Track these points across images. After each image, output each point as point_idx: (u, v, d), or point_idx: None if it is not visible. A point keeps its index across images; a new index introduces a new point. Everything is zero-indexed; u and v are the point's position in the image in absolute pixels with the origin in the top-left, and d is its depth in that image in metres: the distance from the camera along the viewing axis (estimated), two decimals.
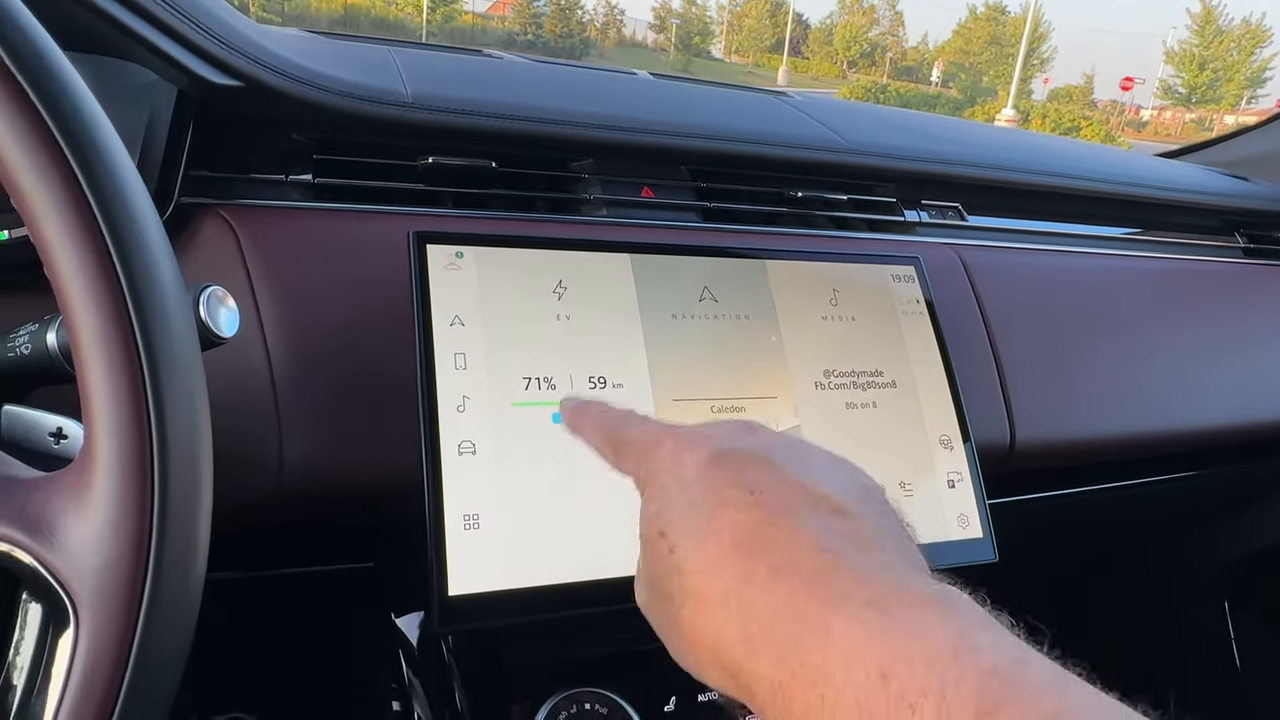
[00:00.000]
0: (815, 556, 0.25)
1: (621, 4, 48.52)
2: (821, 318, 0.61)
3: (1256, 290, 0.95)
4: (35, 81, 0.28)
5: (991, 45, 45.47)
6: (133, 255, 0.28)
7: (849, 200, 0.77)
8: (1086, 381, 0.77)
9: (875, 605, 0.23)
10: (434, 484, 0.47)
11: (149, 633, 0.27)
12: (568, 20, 37.27)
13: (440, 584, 0.46)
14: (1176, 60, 37.68)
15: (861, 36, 50.86)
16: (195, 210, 0.55)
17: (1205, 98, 36.87)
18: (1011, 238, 0.84)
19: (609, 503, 0.50)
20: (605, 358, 0.54)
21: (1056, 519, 0.91)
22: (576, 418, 0.37)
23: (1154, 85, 41.66)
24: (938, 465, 0.61)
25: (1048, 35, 42.62)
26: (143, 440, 0.28)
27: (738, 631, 0.25)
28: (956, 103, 33.93)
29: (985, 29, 46.10)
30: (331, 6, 28.77)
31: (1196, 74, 36.39)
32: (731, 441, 0.30)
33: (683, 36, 44.91)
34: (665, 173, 0.71)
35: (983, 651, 0.21)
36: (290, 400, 0.51)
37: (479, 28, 36.05)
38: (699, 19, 48.45)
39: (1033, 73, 42.75)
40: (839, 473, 0.29)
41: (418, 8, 30.01)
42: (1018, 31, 39.36)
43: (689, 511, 0.28)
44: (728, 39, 52.81)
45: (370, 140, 0.62)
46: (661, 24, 47.64)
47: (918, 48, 55.83)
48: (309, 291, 0.54)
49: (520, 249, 0.54)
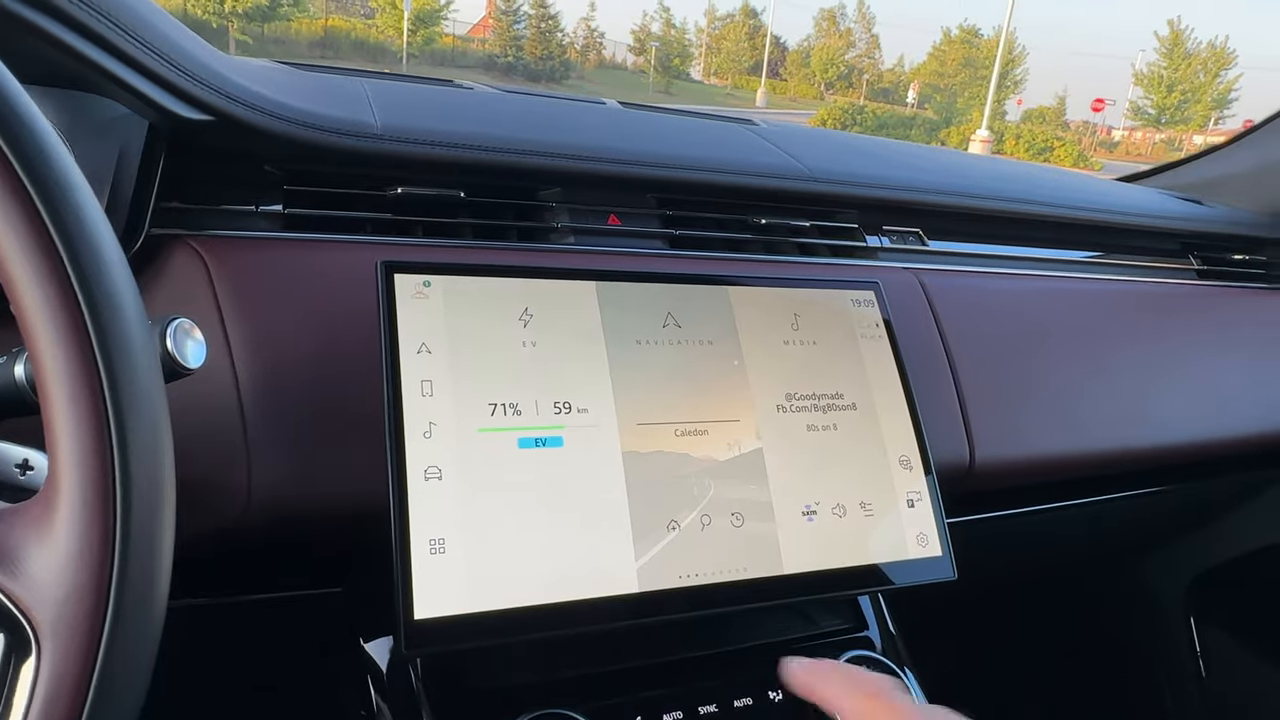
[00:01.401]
0: None
1: (601, 27, 49.03)
2: (783, 342, 0.63)
3: (1210, 311, 0.98)
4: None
5: (966, 67, 46.20)
6: (96, 290, 0.29)
7: (812, 226, 0.79)
8: (1044, 401, 0.79)
9: None
10: (400, 509, 0.48)
11: (110, 662, 0.28)
12: (548, 43, 37.52)
13: (406, 608, 0.46)
14: (1145, 82, 38.44)
15: (838, 59, 51.55)
16: (165, 241, 0.56)
17: (1174, 118, 37.61)
18: (971, 261, 0.86)
19: (573, 526, 0.51)
20: (570, 383, 0.55)
21: (1018, 537, 0.92)
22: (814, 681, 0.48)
23: (1124, 106, 42.48)
24: (897, 485, 0.63)
25: (1022, 58, 43.38)
26: (105, 472, 0.28)
27: None
28: (933, 123, 34.40)
29: (959, 51, 46.86)
30: (311, 29, 28.82)
31: (1165, 95, 37.14)
32: None
33: (662, 59, 45.31)
34: (632, 201, 0.72)
35: None
36: (259, 428, 0.52)
37: (459, 50, 36.20)
38: (678, 41, 48.91)
39: (1007, 94, 43.43)
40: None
41: (398, 30, 30.10)
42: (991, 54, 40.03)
43: None
44: (706, 61, 53.36)
45: (340, 171, 0.63)
46: (641, 46, 48.06)
47: (894, 70, 56.64)
48: (278, 321, 0.54)
49: (487, 277, 0.55)
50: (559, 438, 0.53)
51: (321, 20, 30.60)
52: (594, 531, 0.52)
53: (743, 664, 0.58)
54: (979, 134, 21.23)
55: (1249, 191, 1.13)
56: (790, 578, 0.56)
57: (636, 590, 0.52)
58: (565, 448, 0.53)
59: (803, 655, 0.59)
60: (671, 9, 47.26)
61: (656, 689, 0.55)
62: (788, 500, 0.58)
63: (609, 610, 0.51)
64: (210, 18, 24.42)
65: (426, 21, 31.18)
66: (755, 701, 0.56)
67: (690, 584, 0.53)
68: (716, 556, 0.55)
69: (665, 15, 47.35)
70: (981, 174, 0.98)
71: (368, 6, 37.85)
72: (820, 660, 0.49)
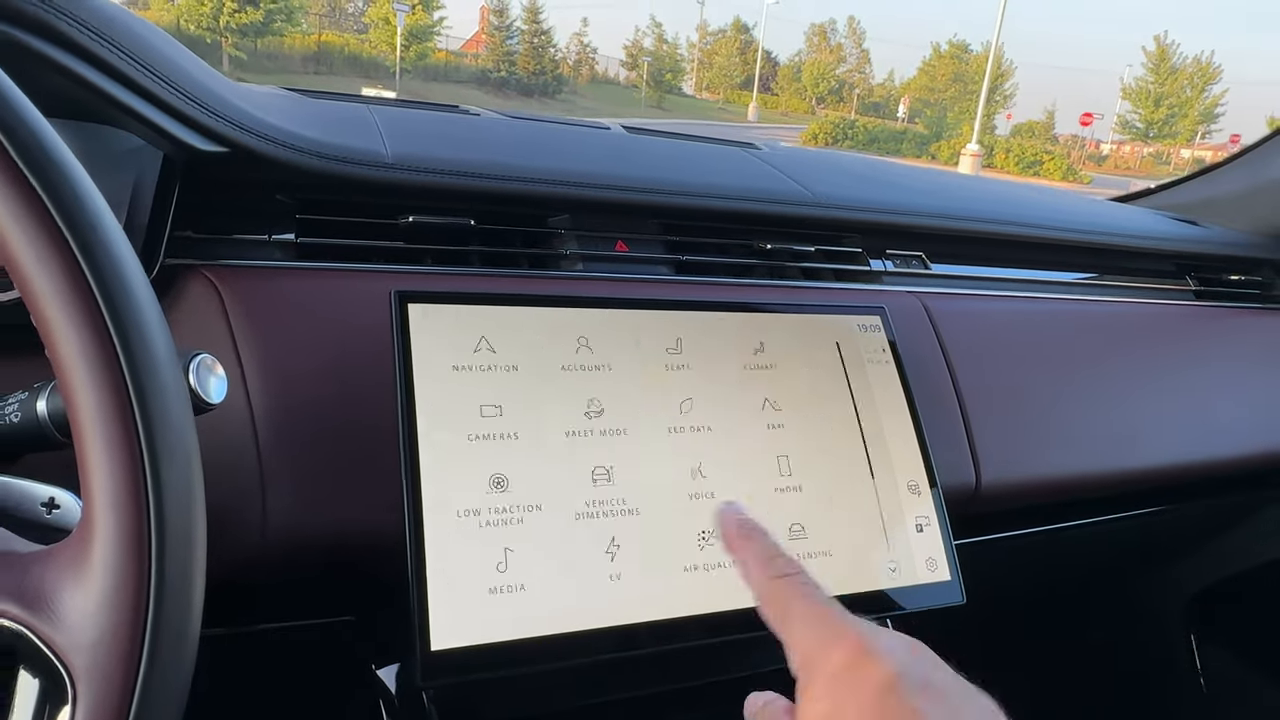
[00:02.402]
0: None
1: (594, 42, 49.24)
2: (790, 367, 0.63)
3: (1208, 331, 0.99)
4: (29, 157, 0.29)
5: (955, 82, 46.62)
6: (130, 332, 0.30)
7: (817, 251, 0.79)
8: (1048, 423, 0.80)
9: None
10: (416, 540, 0.48)
11: (145, 706, 0.28)
12: (541, 58, 37.69)
13: (423, 638, 0.47)
14: (1133, 96, 38.84)
15: (829, 74, 51.95)
16: (179, 271, 0.56)
17: (1162, 132, 37.99)
18: (973, 284, 0.87)
19: (590, 555, 0.51)
20: (584, 413, 0.55)
21: (1023, 558, 0.93)
22: (737, 540, 0.39)
23: (1112, 120, 42.89)
24: (905, 510, 0.63)
25: (1011, 73, 43.79)
26: (140, 515, 0.29)
27: None
28: (923, 138, 34.64)
29: (949, 66, 47.29)
30: (305, 44, 28.91)
31: (1153, 110, 37.52)
32: (911, 668, 0.32)
33: (654, 74, 45.57)
34: (639, 227, 0.73)
35: None
36: (274, 460, 0.52)
37: (452, 65, 36.33)
38: (670, 56, 49.23)
39: (996, 109, 43.82)
40: None
41: (391, 45, 30.20)
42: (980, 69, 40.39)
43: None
44: (698, 76, 53.68)
45: (352, 200, 0.64)
46: (633, 61, 48.33)
47: (884, 84, 57.09)
48: (292, 351, 0.55)
49: (500, 306, 0.56)
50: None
51: (315, 35, 30.72)
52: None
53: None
54: (969, 148, 21.37)
55: (1244, 212, 1.15)
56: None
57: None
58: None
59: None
60: (664, 24, 47.69)
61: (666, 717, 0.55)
62: (796, 526, 0.58)
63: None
64: (204, 33, 24.47)
65: (419, 37, 31.29)
66: None
67: (704, 612, 0.54)
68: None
69: (657, 30, 47.70)
70: (982, 197, 0.99)
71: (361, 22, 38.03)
72: None
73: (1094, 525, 0.92)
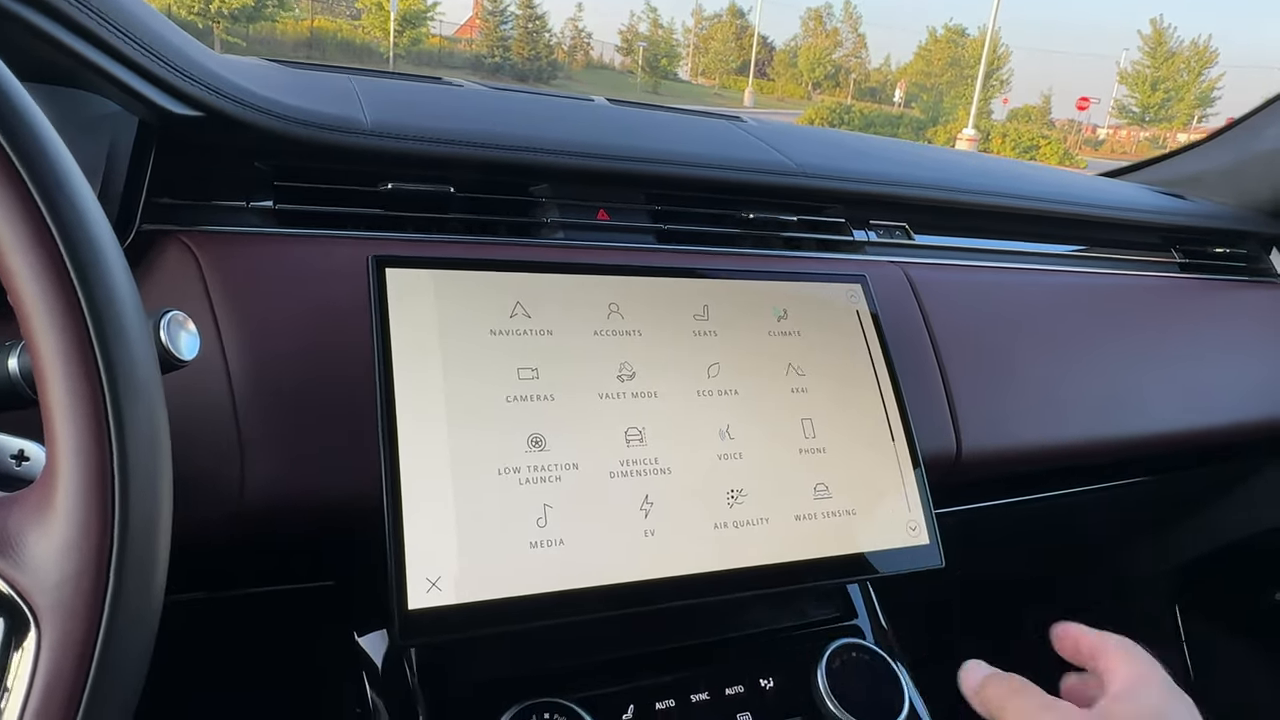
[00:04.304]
0: None
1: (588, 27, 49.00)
2: (769, 334, 0.63)
3: (1193, 303, 0.99)
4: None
5: (952, 67, 46.44)
6: (93, 280, 0.30)
7: (799, 221, 0.79)
8: (1030, 392, 0.80)
9: None
10: (393, 501, 0.48)
11: (109, 646, 0.29)
12: (535, 43, 37.47)
13: (400, 598, 0.47)
14: (1130, 80, 38.73)
15: (825, 59, 51.70)
16: (157, 237, 0.56)
17: (1158, 117, 37.90)
18: (957, 255, 0.87)
19: (569, 516, 0.52)
20: (564, 375, 0.55)
21: (1006, 527, 0.94)
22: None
23: (1109, 105, 42.80)
24: (886, 475, 0.63)
25: (1007, 57, 43.64)
26: (103, 459, 0.29)
27: None
28: (919, 123, 34.55)
29: (945, 51, 47.10)
30: (297, 30, 28.69)
31: (1149, 94, 37.42)
32: None
33: (650, 59, 45.34)
34: (621, 196, 0.73)
35: None
36: (252, 422, 0.52)
37: (446, 50, 36.10)
38: (666, 42, 48.96)
39: (993, 93, 43.67)
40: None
41: (384, 31, 30.01)
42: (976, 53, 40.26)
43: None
44: (694, 61, 53.43)
45: (331, 167, 0.63)
46: (629, 47, 48.07)
47: (880, 69, 56.86)
48: (270, 315, 0.55)
49: (479, 271, 0.56)
50: (552, 428, 0.54)
51: (307, 21, 30.46)
52: (589, 521, 0.52)
53: (734, 653, 0.59)
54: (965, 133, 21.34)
55: (1230, 186, 1.15)
56: (779, 566, 0.57)
57: (629, 579, 0.52)
58: (560, 439, 0.53)
59: (792, 645, 0.60)
60: (659, 9, 47.32)
61: (649, 678, 0.55)
62: (777, 490, 0.59)
63: (602, 599, 0.51)
64: (195, 18, 24.26)
65: (413, 22, 31.08)
66: (746, 689, 0.57)
67: (682, 573, 0.54)
68: (707, 545, 0.55)
69: (653, 15, 47.39)
70: (967, 169, 0.99)
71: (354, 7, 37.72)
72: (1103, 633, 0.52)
73: (1077, 495, 0.92)
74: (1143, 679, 0.46)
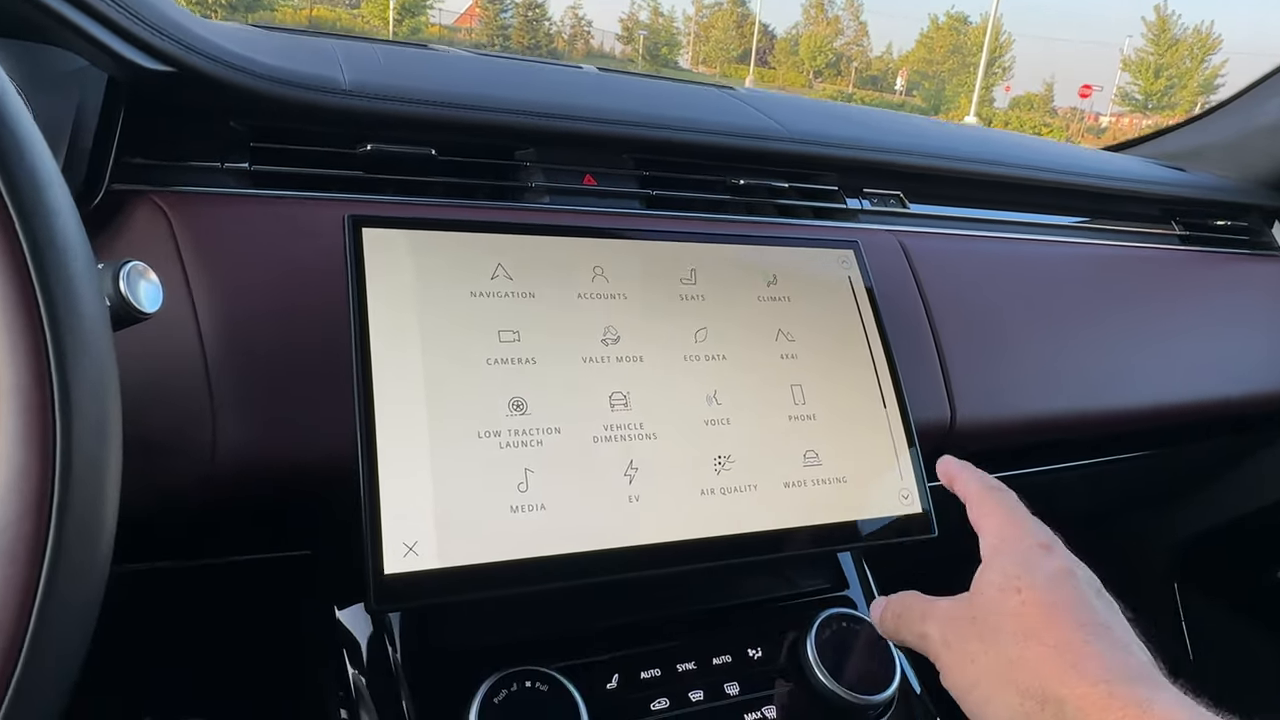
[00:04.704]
0: (1119, 636, 0.39)
1: (589, 15, 48.75)
2: (758, 299, 0.62)
3: (1193, 276, 0.98)
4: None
5: (954, 54, 46.21)
6: (31, 211, 0.28)
7: (791, 188, 0.78)
8: (1025, 363, 0.79)
9: None
10: (369, 464, 0.47)
11: (51, 595, 0.27)
12: (535, 32, 37.32)
13: (375, 563, 0.46)
14: (1133, 68, 38.56)
15: (826, 46, 51.44)
16: (127, 197, 0.54)
17: (1161, 104, 37.73)
18: (952, 225, 0.86)
19: (550, 481, 0.50)
20: (544, 337, 0.54)
21: None
22: (957, 470, 0.52)
23: (1112, 92, 42.60)
24: (879, 443, 0.62)
25: (1009, 45, 43.43)
26: (44, 398, 0.27)
27: (1058, 660, 0.37)
28: (921, 111, 34.41)
29: (947, 38, 46.87)
30: (296, 19, 28.59)
31: (1152, 81, 37.26)
32: (1078, 566, 0.43)
33: (650, 47, 45.16)
34: (608, 161, 0.71)
35: None
36: (224, 385, 0.51)
37: (445, 39, 35.98)
38: (666, 30, 48.75)
39: (995, 81, 43.48)
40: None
41: (383, 20, 29.90)
42: (978, 41, 40.06)
43: (1046, 588, 0.41)
44: (695, 50, 53.18)
45: (308, 128, 0.62)
46: (629, 35, 47.87)
47: (882, 57, 56.58)
48: (243, 276, 0.53)
49: (457, 232, 0.54)
50: (534, 391, 0.52)
51: (306, 10, 30.37)
52: (571, 486, 0.51)
53: (721, 623, 0.58)
54: (967, 121, 21.27)
55: (1231, 159, 1.13)
56: (770, 534, 0.56)
57: (613, 545, 0.51)
58: (542, 402, 0.52)
59: (781, 615, 0.59)
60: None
61: (634, 647, 0.54)
62: (768, 457, 0.58)
63: (585, 566, 0.50)
64: (193, 7, 24.19)
65: (412, 11, 30.98)
66: (734, 659, 0.56)
67: (667, 540, 0.53)
68: (694, 512, 0.54)
69: (653, 4, 47.20)
70: (963, 139, 0.97)
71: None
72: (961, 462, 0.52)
73: (1076, 470, 0.91)
74: (1006, 541, 0.44)
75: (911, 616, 0.47)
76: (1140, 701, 0.34)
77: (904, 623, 0.47)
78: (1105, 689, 0.36)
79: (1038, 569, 0.42)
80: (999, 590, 0.42)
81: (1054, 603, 0.40)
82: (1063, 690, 0.37)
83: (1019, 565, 0.42)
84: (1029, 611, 0.40)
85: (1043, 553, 0.43)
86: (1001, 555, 0.44)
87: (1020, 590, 0.41)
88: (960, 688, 0.42)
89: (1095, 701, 0.35)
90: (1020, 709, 0.38)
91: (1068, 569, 0.42)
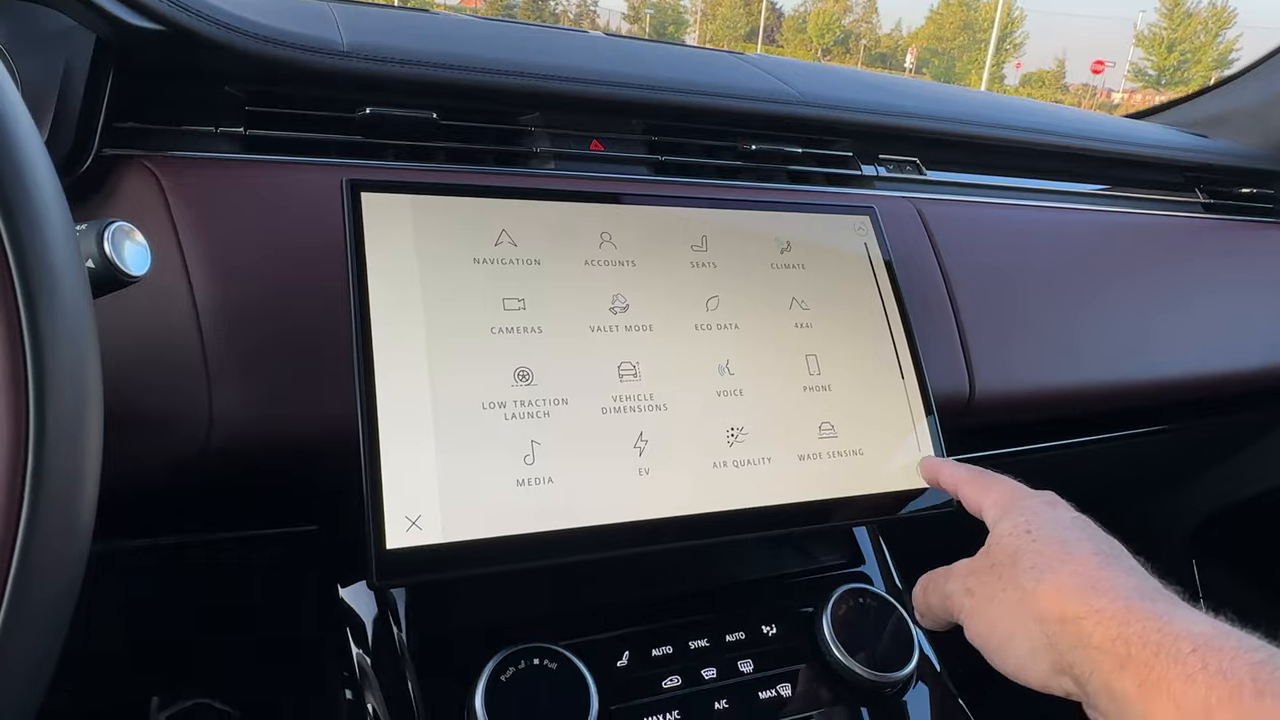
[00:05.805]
0: (1133, 565, 0.41)
1: None
2: (771, 266, 0.60)
3: (1216, 244, 0.95)
4: None
5: (964, 31, 45.64)
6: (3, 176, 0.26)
7: (805, 154, 0.75)
8: (1046, 333, 0.76)
9: None
10: (370, 435, 0.45)
11: (26, 569, 0.26)
12: (541, 12, 37.05)
13: (377, 538, 0.44)
14: (1146, 43, 38.01)
15: (835, 24, 50.89)
16: (117, 161, 0.53)
17: (1175, 79, 37.22)
18: (970, 192, 0.83)
19: (558, 455, 0.49)
20: (549, 305, 0.52)
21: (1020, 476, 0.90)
22: (940, 466, 0.55)
23: (1125, 68, 42.04)
24: (896, 415, 0.60)
25: (1020, 21, 42.85)
26: (15, 361, 0.26)
27: (1076, 583, 0.38)
28: None
29: (957, 15, 46.27)
30: None
31: (1165, 56, 36.73)
32: (1081, 516, 0.45)
33: (657, 26, 44.75)
34: (616, 126, 0.69)
35: None
36: (219, 353, 0.49)
37: None
38: (673, 8, 48.29)
39: (1005, 58, 42.95)
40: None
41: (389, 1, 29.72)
42: (989, 17, 39.58)
43: (1055, 529, 0.43)
44: (702, 28, 52.68)
45: (305, 92, 0.60)
46: (635, 14, 47.44)
47: (891, 34, 55.96)
48: (238, 242, 0.51)
49: (459, 197, 0.52)
50: (540, 361, 0.50)
51: None
52: (579, 459, 0.49)
53: (735, 599, 0.56)
54: None
55: (1257, 125, 1.10)
56: (784, 508, 0.54)
57: (623, 520, 0.50)
58: (548, 372, 0.50)
59: (796, 591, 0.57)
60: None
61: (645, 623, 0.53)
62: (781, 428, 0.56)
63: (594, 540, 0.48)
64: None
65: None
66: (748, 636, 0.54)
67: (679, 514, 0.51)
68: (706, 485, 0.52)
69: None
70: (981, 104, 0.94)
71: None
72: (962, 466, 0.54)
73: (1096, 444, 0.89)
74: (1013, 500, 0.46)
75: (936, 582, 0.48)
76: (1159, 614, 0.35)
77: (930, 592, 0.48)
78: (1124, 604, 0.36)
79: (1046, 516, 0.44)
80: (1011, 536, 0.43)
81: (1065, 539, 0.42)
82: (1081, 608, 0.37)
83: (1028, 515, 0.44)
84: (1043, 548, 0.41)
85: (1049, 506, 0.45)
86: (1010, 511, 0.45)
87: (1031, 532, 0.43)
88: (983, 633, 0.43)
89: (1114, 615, 0.36)
90: (1041, 635, 0.39)
91: (1076, 515, 0.44)
